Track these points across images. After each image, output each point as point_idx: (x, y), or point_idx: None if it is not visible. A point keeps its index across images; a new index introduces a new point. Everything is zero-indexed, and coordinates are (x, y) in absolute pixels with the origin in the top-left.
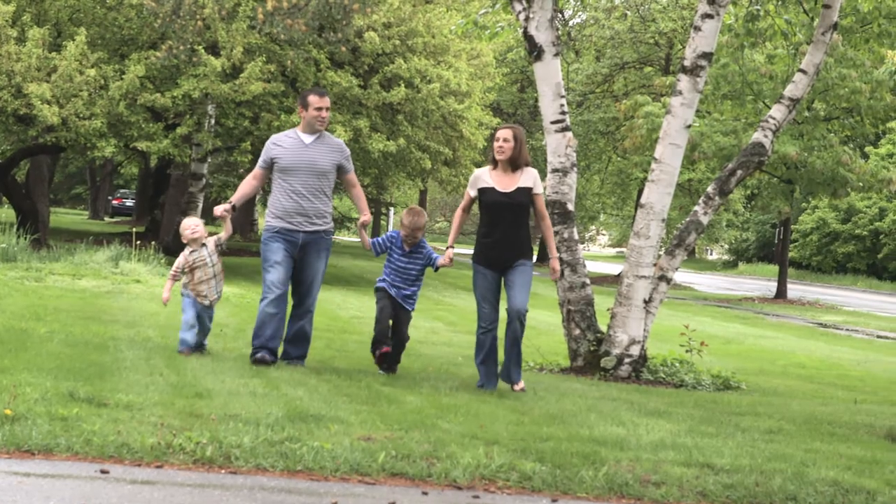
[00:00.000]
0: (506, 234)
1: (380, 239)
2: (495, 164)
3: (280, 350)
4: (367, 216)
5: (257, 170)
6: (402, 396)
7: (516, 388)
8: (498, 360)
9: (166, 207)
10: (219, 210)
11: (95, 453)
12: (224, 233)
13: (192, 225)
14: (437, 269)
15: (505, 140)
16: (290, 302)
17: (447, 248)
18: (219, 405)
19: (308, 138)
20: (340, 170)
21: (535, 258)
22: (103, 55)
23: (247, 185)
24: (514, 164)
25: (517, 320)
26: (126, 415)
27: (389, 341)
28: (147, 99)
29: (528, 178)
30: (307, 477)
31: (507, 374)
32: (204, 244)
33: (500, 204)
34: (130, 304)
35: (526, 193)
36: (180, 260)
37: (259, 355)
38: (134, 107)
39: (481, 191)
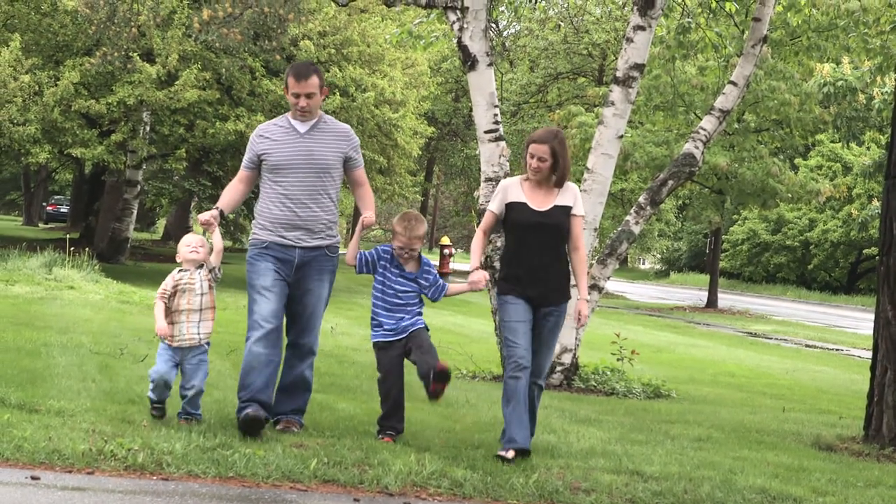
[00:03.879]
0: (539, 265)
1: (369, 252)
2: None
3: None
4: (371, 215)
5: (243, 171)
6: (335, 403)
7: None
8: (527, 410)
9: (101, 214)
10: (205, 216)
11: (26, 459)
12: (214, 253)
13: (194, 243)
14: (437, 298)
15: (540, 160)
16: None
17: (473, 269)
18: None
19: (303, 126)
20: (347, 164)
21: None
22: (38, 61)
23: (233, 190)
24: (557, 181)
25: (536, 385)
26: (58, 421)
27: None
28: (82, 105)
29: (568, 194)
30: (239, 483)
31: (514, 439)
32: (200, 266)
33: (533, 225)
34: (64, 311)
35: (565, 213)
36: (168, 281)
37: (249, 411)
38: (68, 113)
39: (510, 206)
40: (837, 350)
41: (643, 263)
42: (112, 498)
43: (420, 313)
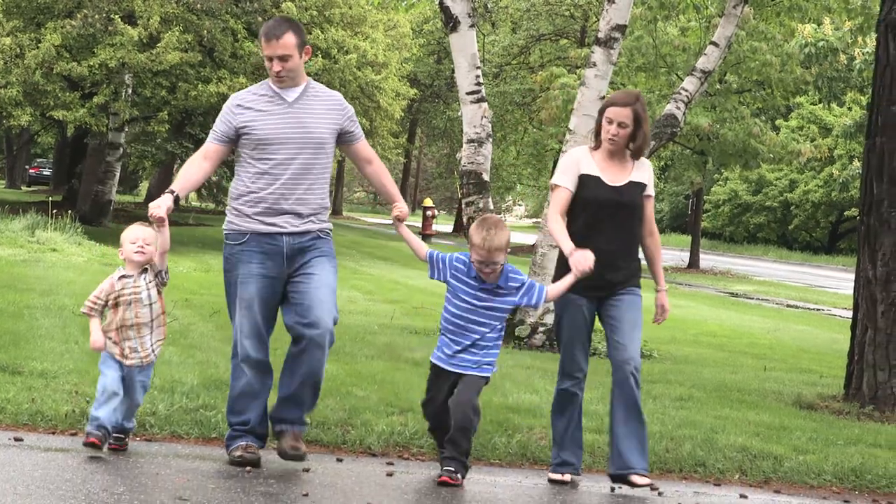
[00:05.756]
0: (613, 249)
1: (443, 256)
2: (599, 143)
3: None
4: (402, 207)
5: (212, 144)
6: None
7: (639, 480)
8: (581, 426)
9: (83, 177)
10: (157, 210)
11: (9, 421)
12: (159, 255)
13: (142, 237)
14: (538, 302)
15: (621, 126)
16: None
17: (571, 253)
18: None
19: (290, 93)
20: (344, 138)
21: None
22: (19, 23)
23: (195, 169)
24: (634, 152)
25: (631, 376)
26: (41, 383)
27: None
28: (63, 68)
29: (643, 170)
30: (222, 444)
31: (621, 456)
32: (146, 269)
33: (607, 203)
34: (46, 273)
35: (640, 191)
36: (105, 286)
37: (246, 455)
38: (50, 76)
39: (582, 180)
40: (818, 310)
41: None
42: (95, 459)
43: (496, 351)
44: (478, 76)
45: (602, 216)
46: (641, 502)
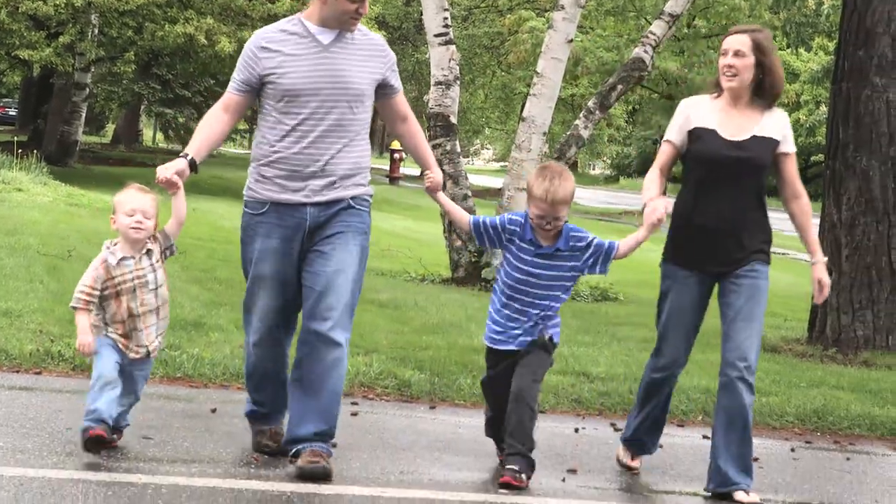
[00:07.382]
0: (730, 217)
1: (492, 221)
2: (720, 90)
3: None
4: (435, 174)
5: (232, 95)
6: None
7: (744, 498)
8: (665, 420)
9: (49, 117)
10: (166, 172)
11: None
12: (174, 222)
13: (140, 208)
14: (606, 268)
15: (737, 55)
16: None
17: (647, 200)
18: None
19: (326, 35)
20: (382, 90)
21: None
22: None
23: (215, 123)
24: (761, 93)
25: (739, 381)
26: (5, 322)
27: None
28: (29, 7)
29: (775, 122)
30: (187, 384)
31: (719, 471)
32: (149, 249)
33: (725, 160)
34: (11, 213)
35: (767, 147)
36: (98, 273)
37: (267, 435)
38: (16, 14)
39: (694, 135)
40: (784, 254)
41: (593, 168)
42: (59, 398)
43: (556, 317)
44: (446, 18)
45: (719, 176)
46: (604, 443)
